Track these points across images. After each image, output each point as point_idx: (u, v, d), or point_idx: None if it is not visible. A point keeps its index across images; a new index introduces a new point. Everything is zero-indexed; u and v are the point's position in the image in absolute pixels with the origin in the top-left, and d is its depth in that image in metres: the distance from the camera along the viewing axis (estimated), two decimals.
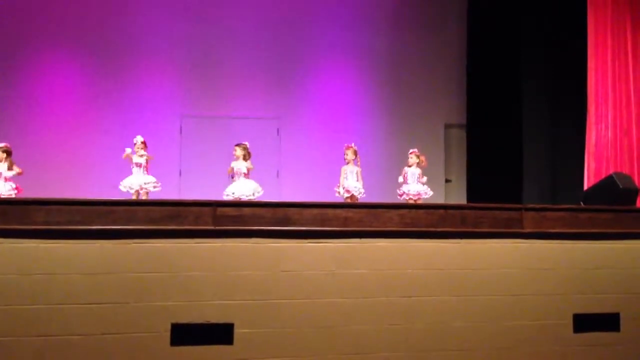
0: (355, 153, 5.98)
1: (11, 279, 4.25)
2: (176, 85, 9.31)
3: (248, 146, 5.91)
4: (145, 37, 9.22)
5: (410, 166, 5.89)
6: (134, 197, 5.59)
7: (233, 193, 5.63)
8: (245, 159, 5.84)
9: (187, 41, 9.32)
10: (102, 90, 9.11)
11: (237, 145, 5.89)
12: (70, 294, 4.30)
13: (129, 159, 5.74)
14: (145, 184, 5.63)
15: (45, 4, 9.06)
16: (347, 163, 5.95)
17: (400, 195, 5.84)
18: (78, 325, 4.28)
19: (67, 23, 9.06)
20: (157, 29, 9.25)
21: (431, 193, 5.87)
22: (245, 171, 5.76)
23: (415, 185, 5.81)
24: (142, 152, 5.76)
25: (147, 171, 5.75)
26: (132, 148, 5.79)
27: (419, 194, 5.77)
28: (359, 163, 5.98)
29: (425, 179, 5.88)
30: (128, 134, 6.33)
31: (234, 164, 5.83)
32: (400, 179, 5.90)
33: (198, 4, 9.39)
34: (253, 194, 5.67)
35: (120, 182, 5.73)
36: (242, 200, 5.46)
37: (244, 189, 5.66)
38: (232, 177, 5.87)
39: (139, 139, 5.85)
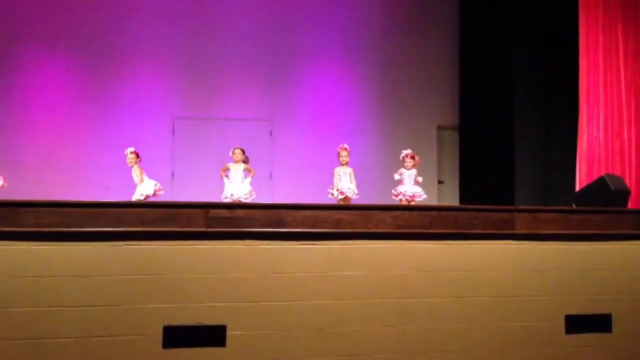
0: (348, 153, 5.99)
1: (2, 282, 4.21)
2: (169, 86, 9.30)
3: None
4: (138, 38, 9.21)
5: (408, 169, 5.88)
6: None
7: (232, 194, 5.62)
8: (245, 162, 5.86)
9: (180, 42, 9.31)
10: (94, 92, 9.08)
11: (239, 148, 5.88)
12: (61, 296, 4.27)
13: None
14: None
15: (36, 5, 9.02)
16: (342, 164, 5.94)
17: (396, 196, 5.84)
18: (69, 328, 4.25)
19: (58, 23, 9.03)
20: (149, 31, 9.23)
21: (425, 196, 5.87)
22: (243, 174, 5.78)
23: (411, 186, 5.81)
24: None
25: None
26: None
27: (414, 195, 5.76)
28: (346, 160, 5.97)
29: (420, 178, 5.87)
30: (120, 136, 6.31)
31: (231, 166, 5.81)
32: (397, 177, 5.88)
33: (191, 5, 9.38)
34: (249, 196, 5.68)
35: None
36: (236, 202, 5.44)
37: (241, 190, 5.66)
38: (224, 178, 5.86)
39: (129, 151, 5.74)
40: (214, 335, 4.43)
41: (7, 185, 5.40)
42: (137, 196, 5.55)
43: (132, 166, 5.65)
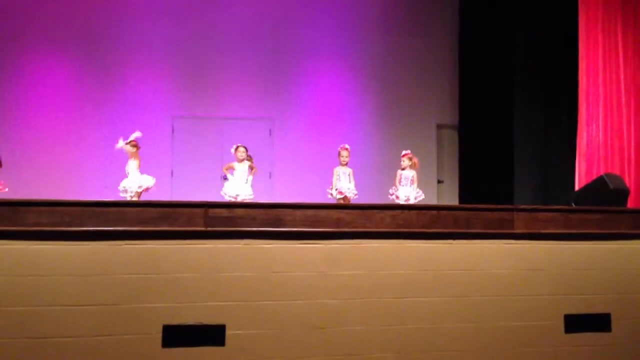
0: (349, 153, 5.97)
1: (1, 281, 4.21)
2: (168, 85, 9.30)
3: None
4: (137, 38, 9.21)
5: (403, 169, 5.87)
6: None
7: (237, 195, 5.54)
8: (249, 160, 5.77)
9: (179, 42, 9.31)
10: (93, 91, 9.09)
11: (243, 146, 5.79)
12: (60, 295, 4.27)
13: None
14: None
15: (35, 5, 9.02)
16: (342, 164, 5.92)
17: (390, 195, 5.84)
18: (69, 327, 4.26)
19: (58, 23, 9.03)
20: (148, 30, 9.23)
21: (422, 197, 5.85)
22: (248, 172, 5.70)
23: (407, 188, 5.79)
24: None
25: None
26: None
27: (408, 198, 5.74)
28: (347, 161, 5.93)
29: (415, 185, 5.83)
30: (119, 135, 6.26)
31: (236, 165, 5.72)
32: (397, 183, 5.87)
33: (190, 5, 9.38)
34: (251, 196, 5.63)
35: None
36: (235, 201, 5.40)
37: (246, 191, 5.60)
38: (226, 178, 5.82)
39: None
40: (213, 335, 4.43)
41: (7, 189, 5.35)
42: (134, 187, 5.41)
43: (130, 156, 5.51)
